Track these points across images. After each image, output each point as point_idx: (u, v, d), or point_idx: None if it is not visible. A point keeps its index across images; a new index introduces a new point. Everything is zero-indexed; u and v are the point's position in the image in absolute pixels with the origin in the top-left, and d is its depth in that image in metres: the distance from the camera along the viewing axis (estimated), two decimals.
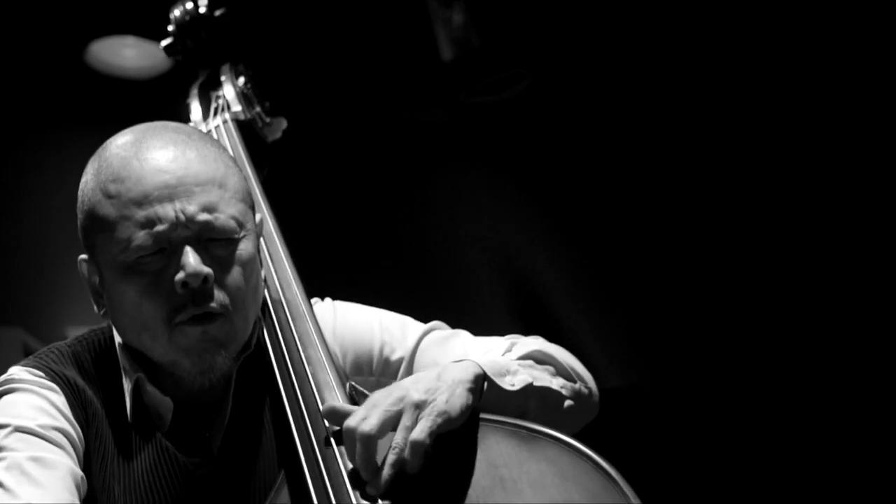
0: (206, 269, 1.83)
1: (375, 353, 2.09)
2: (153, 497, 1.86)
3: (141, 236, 1.83)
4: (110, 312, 1.93)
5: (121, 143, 1.93)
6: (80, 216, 1.94)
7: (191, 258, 1.83)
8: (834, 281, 3.52)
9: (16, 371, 1.90)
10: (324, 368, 1.88)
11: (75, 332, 3.88)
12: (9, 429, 1.80)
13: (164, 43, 2.67)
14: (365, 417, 1.71)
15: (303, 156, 3.85)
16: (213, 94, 2.51)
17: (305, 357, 1.89)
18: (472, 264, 4.06)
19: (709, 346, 3.67)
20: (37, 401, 1.84)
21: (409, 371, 2.08)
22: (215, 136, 2.34)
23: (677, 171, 3.76)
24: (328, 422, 1.77)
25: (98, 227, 1.88)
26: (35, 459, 1.75)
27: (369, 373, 2.09)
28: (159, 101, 3.99)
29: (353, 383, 1.88)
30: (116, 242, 1.85)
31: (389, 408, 1.72)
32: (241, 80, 2.55)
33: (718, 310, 3.67)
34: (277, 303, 2.01)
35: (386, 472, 1.68)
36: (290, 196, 2.52)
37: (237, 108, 2.46)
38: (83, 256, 1.95)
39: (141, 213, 1.84)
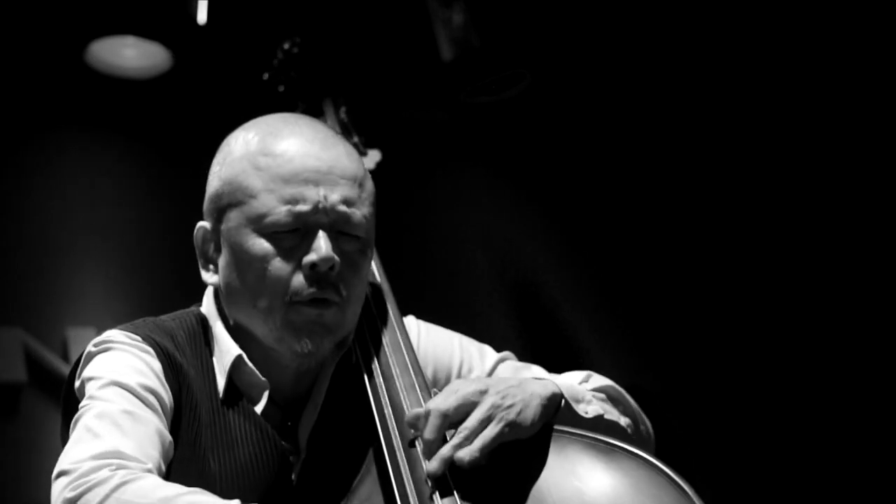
0: (337, 258, 1.90)
1: (455, 369, 2.18)
2: (254, 474, 1.90)
3: (282, 211, 1.90)
4: (224, 282, 1.97)
5: (276, 125, 1.99)
6: (216, 183, 1.98)
7: (324, 243, 1.90)
8: (834, 281, 3.52)
9: (114, 333, 1.94)
10: (409, 373, 1.94)
11: (75, 332, 3.88)
12: (105, 380, 1.84)
13: (268, 75, 2.79)
14: (445, 397, 1.80)
15: None
16: None
17: (395, 361, 1.96)
18: (472, 264, 4.06)
19: (709, 346, 3.67)
20: (134, 361, 1.88)
21: None
22: None
23: (677, 172, 3.76)
24: (412, 428, 1.83)
25: (238, 196, 1.93)
26: (127, 413, 1.79)
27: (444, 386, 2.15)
28: (159, 101, 3.99)
29: (437, 390, 1.92)
30: (256, 213, 1.91)
31: (469, 396, 1.80)
32: (343, 110, 2.68)
33: (718, 310, 3.67)
34: (369, 310, 2.07)
35: (446, 450, 1.75)
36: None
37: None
38: (204, 223, 2.00)
39: (287, 190, 1.90)
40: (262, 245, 1.90)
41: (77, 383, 1.89)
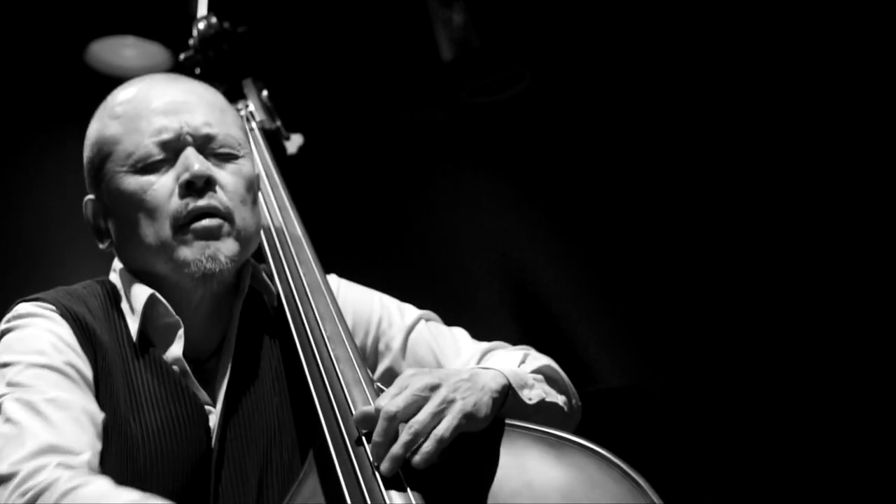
0: (209, 171, 1.93)
1: (374, 324, 2.17)
2: (172, 430, 1.88)
3: (147, 144, 1.93)
4: (115, 236, 1.99)
5: (126, 84, 2.04)
6: (86, 154, 2.01)
7: (194, 160, 1.92)
8: (834, 281, 3.52)
9: (23, 306, 1.94)
10: (354, 367, 1.90)
11: None
12: (22, 365, 1.82)
13: (184, 55, 2.72)
14: (394, 396, 1.76)
15: (303, 155, 3.86)
16: (235, 106, 2.54)
17: (336, 356, 1.92)
18: (471, 264, 4.06)
19: (708, 346, 3.66)
20: (46, 335, 1.87)
21: (403, 349, 2.16)
22: None
23: (677, 171, 3.76)
24: (361, 427, 1.78)
25: (105, 150, 1.96)
26: (50, 400, 1.77)
27: (364, 342, 2.15)
28: None
29: (380, 385, 1.91)
30: (124, 153, 1.94)
31: (419, 392, 1.76)
32: (265, 93, 2.63)
33: (718, 310, 3.66)
34: (297, 279, 2.06)
35: (397, 449, 1.70)
36: (291, 196, 2.52)
37: (262, 116, 2.54)
38: (89, 197, 2.02)
39: (147, 125, 1.94)
40: (137, 181, 1.92)
41: None
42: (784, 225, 3.60)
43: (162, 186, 1.92)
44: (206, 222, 1.90)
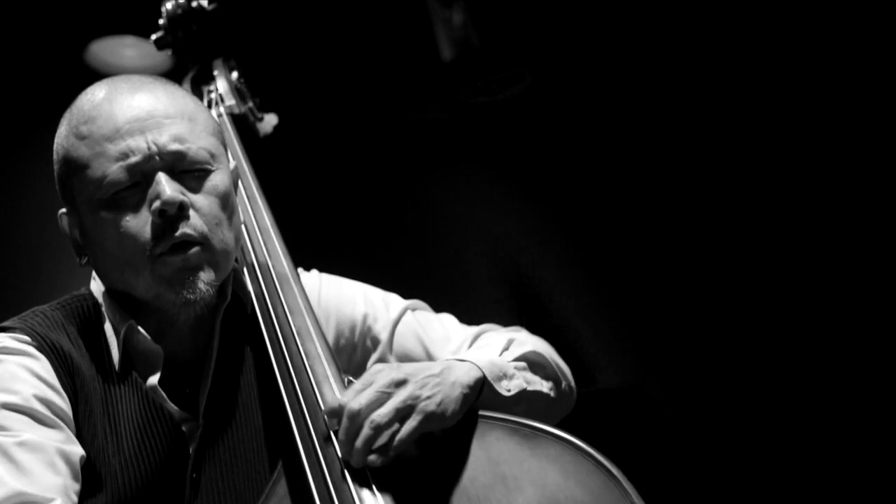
0: (181, 196, 1.85)
1: (358, 321, 2.12)
2: (147, 455, 1.84)
3: (115, 170, 1.85)
4: (92, 258, 1.94)
5: (90, 91, 1.97)
6: (55, 167, 1.95)
7: (165, 186, 1.84)
8: (833, 281, 3.52)
9: (0, 338, 1.87)
10: (322, 362, 1.87)
11: None
12: None
13: (155, 36, 2.67)
14: (357, 392, 1.73)
15: (303, 156, 3.86)
16: (206, 89, 2.52)
17: (304, 351, 1.89)
18: (471, 264, 4.05)
19: (708, 345, 3.66)
20: (21, 373, 1.81)
21: (390, 342, 2.12)
22: None
23: (677, 171, 3.76)
24: (331, 423, 1.77)
25: (73, 171, 1.89)
26: (21, 444, 1.73)
27: (351, 340, 2.11)
28: None
29: (350, 377, 1.87)
30: (92, 181, 1.86)
31: (384, 389, 1.73)
32: (234, 74, 2.56)
33: (718, 310, 3.66)
34: (266, 272, 2.02)
35: (358, 444, 1.69)
36: (291, 196, 2.52)
37: (231, 101, 2.47)
38: (63, 210, 1.96)
39: (113, 148, 1.85)
40: (109, 211, 1.86)
41: None
42: (783, 225, 3.60)
43: (135, 217, 1.85)
44: (182, 254, 1.84)
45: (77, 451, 1.78)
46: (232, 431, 1.90)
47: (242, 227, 2.04)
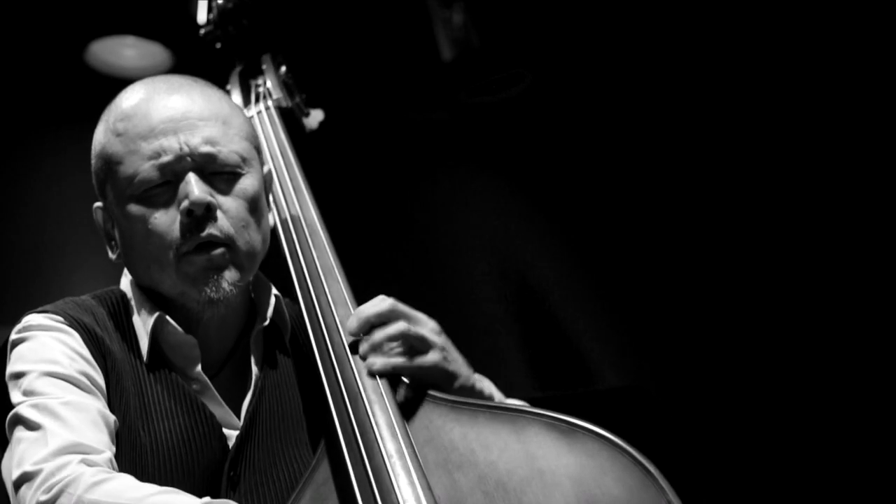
0: (209, 198, 1.89)
1: None
2: (186, 447, 1.88)
3: (147, 168, 1.90)
4: (123, 253, 1.98)
5: (130, 89, 2.01)
6: (93, 161, 2.00)
7: (194, 186, 1.89)
8: (833, 281, 3.52)
9: (33, 318, 1.92)
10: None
11: None
12: (35, 373, 1.81)
13: (204, 30, 2.68)
14: (379, 301, 1.89)
15: (304, 156, 3.85)
16: (254, 83, 2.54)
17: (347, 343, 1.92)
18: (471, 264, 4.05)
19: (708, 345, 3.66)
20: (58, 345, 1.86)
21: None
22: (257, 122, 2.37)
23: (677, 171, 3.76)
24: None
25: (108, 166, 1.94)
26: (66, 403, 1.77)
27: None
28: None
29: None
30: (125, 177, 1.91)
31: (406, 310, 1.90)
32: (283, 69, 2.58)
33: (718, 310, 3.66)
34: (311, 264, 2.06)
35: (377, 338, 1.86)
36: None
37: (279, 94, 2.49)
38: (98, 204, 2.01)
39: (146, 147, 1.90)
40: (139, 207, 1.91)
41: (7, 377, 1.85)
42: (783, 225, 3.60)
43: (163, 215, 1.90)
44: (207, 254, 1.89)
45: (112, 417, 1.83)
46: (269, 436, 1.94)
47: (289, 218, 2.10)
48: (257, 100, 2.46)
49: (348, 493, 1.71)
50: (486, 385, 1.99)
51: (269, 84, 2.52)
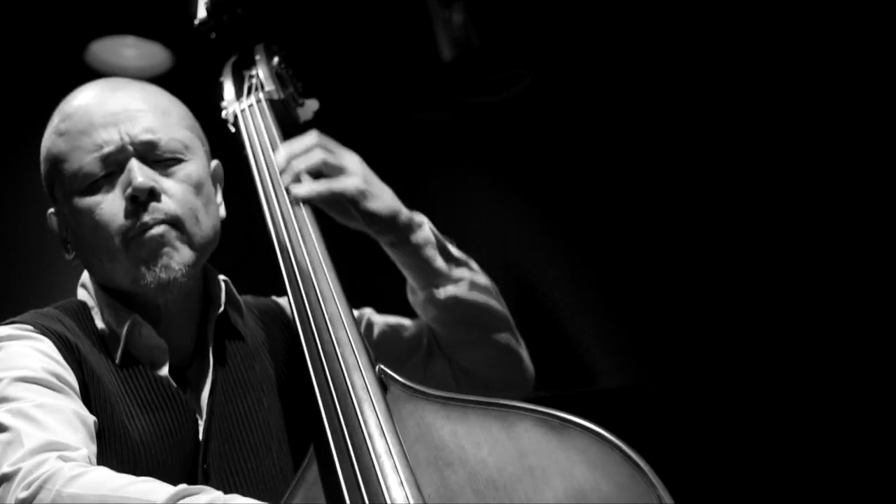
0: (152, 182, 1.93)
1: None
2: (169, 438, 1.90)
3: (90, 161, 1.94)
4: (78, 252, 2.01)
5: (72, 94, 2.06)
6: (42, 167, 2.03)
7: (137, 172, 1.92)
8: (833, 281, 3.52)
9: (2, 329, 1.93)
10: (352, 350, 1.89)
11: None
12: (7, 380, 1.82)
13: (199, 19, 2.68)
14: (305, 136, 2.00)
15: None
16: (247, 74, 2.53)
17: (336, 339, 1.91)
18: None
19: (708, 346, 3.66)
20: (28, 351, 1.87)
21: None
22: (248, 114, 2.38)
23: (677, 171, 3.76)
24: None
25: (55, 167, 1.98)
26: (39, 406, 1.78)
27: None
28: None
29: (382, 366, 1.88)
30: (70, 174, 1.95)
31: (329, 143, 2.07)
32: (276, 59, 2.57)
33: (718, 310, 3.67)
34: (302, 258, 2.05)
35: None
36: None
37: (271, 87, 2.48)
38: (51, 210, 2.05)
39: (88, 141, 1.94)
40: (85, 200, 1.94)
41: None
42: (782, 225, 3.60)
43: (109, 204, 1.93)
44: (152, 232, 1.91)
45: (90, 416, 1.83)
46: (234, 423, 1.95)
47: (279, 211, 2.10)
48: (249, 92, 2.45)
49: (337, 494, 1.70)
50: (423, 220, 2.16)
51: (261, 75, 2.50)
